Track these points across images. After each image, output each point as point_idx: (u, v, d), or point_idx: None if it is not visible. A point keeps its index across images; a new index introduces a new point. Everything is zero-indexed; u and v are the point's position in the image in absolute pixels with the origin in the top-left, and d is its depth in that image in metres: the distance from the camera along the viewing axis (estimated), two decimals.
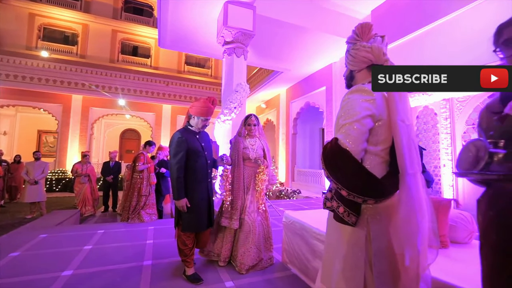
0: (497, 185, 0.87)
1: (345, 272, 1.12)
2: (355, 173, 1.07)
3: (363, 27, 1.22)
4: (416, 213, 1.03)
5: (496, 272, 0.84)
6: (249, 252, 2.28)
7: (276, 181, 2.52)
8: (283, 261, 2.53)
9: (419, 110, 5.02)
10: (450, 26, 4.14)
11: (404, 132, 1.06)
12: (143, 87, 11.89)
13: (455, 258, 1.47)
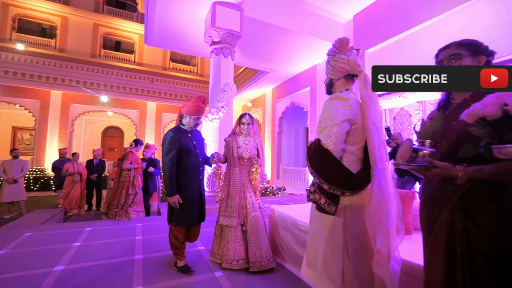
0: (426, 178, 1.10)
1: (326, 255, 1.30)
2: (335, 169, 1.26)
3: (341, 41, 1.40)
4: (386, 202, 1.22)
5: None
6: (267, 246, 2.35)
7: (266, 179, 2.61)
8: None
9: (396, 111, 5.38)
10: (428, 31, 4.44)
11: (375, 134, 1.25)
12: (127, 84, 11.63)
13: (417, 242, 1.69)
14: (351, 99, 1.30)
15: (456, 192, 0.94)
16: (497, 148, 0.60)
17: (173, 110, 12.86)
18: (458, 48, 1.06)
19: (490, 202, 0.87)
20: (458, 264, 0.91)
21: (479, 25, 3.61)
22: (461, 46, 1.06)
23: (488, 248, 0.86)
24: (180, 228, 2.25)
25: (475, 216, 0.90)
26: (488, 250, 0.86)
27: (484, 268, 0.86)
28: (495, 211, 0.86)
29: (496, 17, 3.46)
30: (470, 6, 3.78)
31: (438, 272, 0.98)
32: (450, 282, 0.93)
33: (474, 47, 1.04)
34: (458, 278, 0.91)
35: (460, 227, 0.92)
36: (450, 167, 0.94)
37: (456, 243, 0.93)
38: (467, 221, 0.91)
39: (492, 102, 0.69)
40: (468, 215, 0.92)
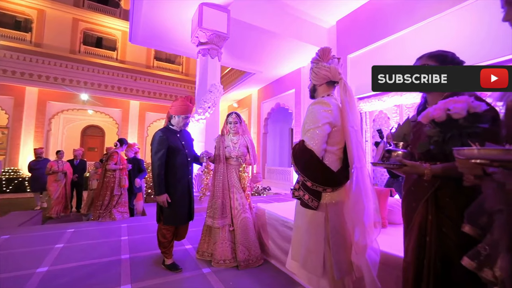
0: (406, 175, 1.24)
1: (309, 247, 1.42)
2: (318, 168, 1.38)
3: (324, 50, 1.52)
4: (363, 197, 1.36)
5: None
6: (256, 246, 2.44)
7: (261, 179, 2.62)
8: None
9: (375, 114, 5.66)
10: (407, 38, 4.70)
11: (353, 136, 1.38)
12: (109, 82, 11.30)
13: (392, 235, 1.86)
14: (332, 104, 1.43)
15: (430, 188, 1.08)
16: (456, 150, 0.72)
17: (157, 109, 12.65)
18: (428, 59, 1.19)
19: (460, 197, 1.00)
20: (427, 252, 1.05)
21: (453, 33, 3.90)
22: (431, 57, 1.19)
23: (455, 236, 1.00)
24: (169, 227, 2.28)
25: (446, 209, 1.04)
26: (456, 237, 0.99)
27: (453, 252, 1.00)
28: (463, 204, 0.97)
29: (464, 27, 3.77)
30: (445, 15, 4.06)
31: (410, 257, 1.13)
32: (418, 266, 1.07)
33: (442, 58, 1.16)
34: (425, 264, 1.05)
35: (431, 219, 1.06)
36: (417, 165, 1.09)
37: (426, 233, 1.07)
38: (439, 213, 1.05)
39: (440, 107, 0.82)
40: (440, 208, 1.05)
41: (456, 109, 0.77)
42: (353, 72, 5.78)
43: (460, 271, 0.94)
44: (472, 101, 0.79)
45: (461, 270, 0.91)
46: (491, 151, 0.56)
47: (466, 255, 0.88)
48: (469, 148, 0.61)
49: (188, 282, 2.12)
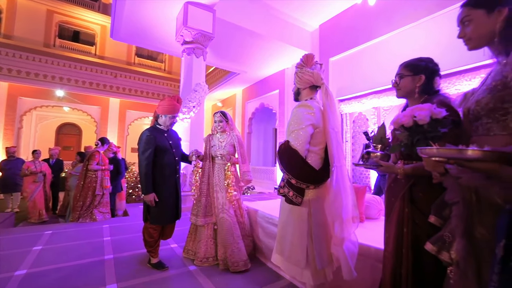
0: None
1: (293, 241, 1.52)
2: (301, 166, 1.48)
3: (308, 57, 1.62)
4: (342, 194, 1.47)
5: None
6: (239, 248, 2.31)
7: (250, 177, 2.44)
8: None
9: (355, 115, 5.92)
10: (385, 44, 4.95)
11: (334, 137, 1.49)
12: (87, 78, 10.82)
13: (368, 228, 2.01)
14: (315, 107, 1.53)
15: (406, 184, 1.21)
16: (420, 149, 0.83)
17: (139, 107, 12.31)
18: (403, 68, 1.31)
19: (431, 192, 1.12)
20: (404, 242, 1.18)
21: (428, 40, 4.18)
22: (405, 67, 1.30)
23: (425, 226, 1.12)
24: (156, 226, 2.29)
25: (418, 203, 1.17)
26: (425, 227, 1.12)
27: (423, 241, 1.10)
28: (433, 199, 1.09)
29: (439, 35, 4.05)
30: (421, 23, 4.34)
31: (390, 247, 1.25)
32: (397, 254, 1.20)
33: (415, 67, 1.27)
34: (403, 251, 1.17)
35: (407, 212, 1.19)
36: (392, 166, 1.22)
37: (403, 224, 1.19)
38: (413, 207, 1.18)
39: (407, 114, 0.94)
40: (414, 202, 1.19)
41: (421, 116, 0.89)
42: (335, 75, 6.00)
43: (427, 257, 1.07)
44: (434, 108, 0.91)
45: (429, 256, 1.04)
46: (447, 150, 0.67)
47: (428, 241, 1.01)
48: (430, 148, 0.71)
49: (174, 279, 2.15)
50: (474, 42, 0.96)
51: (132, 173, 7.58)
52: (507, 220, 0.61)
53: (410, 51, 4.34)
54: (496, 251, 0.61)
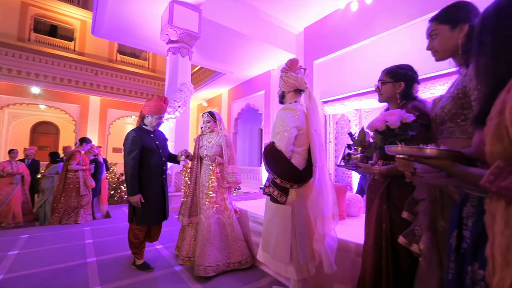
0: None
1: (278, 238, 1.58)
2: (286, 166, 1.55)
3: (292, 62, 1.69)
4: (323, 192, 1.55)
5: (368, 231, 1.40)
6: (204, 253, 2.21)
7: (237, 179, 2.40)
8: None
9: (338, 117, 6.12)
10: (367, 48, 5.15)
11: (316, 139, 1.57)
12: (65, 74, 10.35)
13: (349, 225, 2.12)
14: (298, 110, 1.60)
15: (383, 183, 1.31)
16: (387, 148, 0.91)
17: (121, 106, 11.96)
18: (384, 75, 1.40)
19: (405, 190, 1.21)
20: (383, 235, 1.27)
21: (407, 46, 4.39)
22: (387, 73, 1.39)
23: (400, 222, 1.22)
24: (141, 227, 2.27)
25: (394, 200, 1.27)
26: (400, 222, 1.21)
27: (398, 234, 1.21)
28: (407, 196, 1.19)
29: (416, 41, 4.28)
30: (399, 30, 4.56)
31: (370, 241, 1.34)
32: (377, 248, 1.29)
33: (395, 74, 1.35)
34: (383, 245, 1.26)
35: (385, 208, 1.29)
36: (369, 167, 1.31)
37: (382, 220, 1.29)
38: (390, 204, 1.28)
39: (380, 119, 1.03)
40: (390, 199, 1.28)
41: (392, 120, 0.98)
42: (319, 77, 6.16)
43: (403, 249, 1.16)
44: (403, 114, 1.00)
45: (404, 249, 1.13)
46: (409, 149, 0.75)
47: (401, 235, 1.11)
48: (395, 146, 0.79)
49: (160, 280, 2.14)
50: (440, 54, 1.07)
51: (113, 173, 7.36)
52: (457, 211, 0.70)
53: (390, 56, 4.56)
54: (450, 241, 0.70)
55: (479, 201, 0.65)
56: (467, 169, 0.64)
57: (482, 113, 0.63)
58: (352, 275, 1.67)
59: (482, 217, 0.60)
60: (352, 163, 1.36)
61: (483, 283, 0.58)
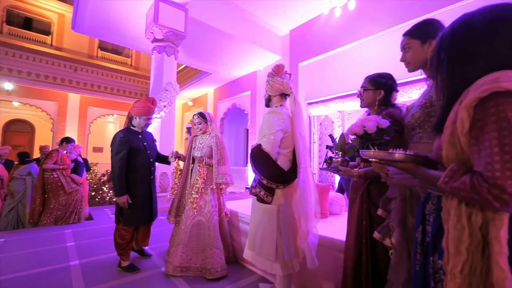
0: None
1: (264, 236, 1.65)
2: (272, 168, 1.62)
3: (278, 67, 1.77)
4: (307, 192, 1.64)
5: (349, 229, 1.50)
6: (176, 252, 2.23)
7: (227, 180, 2.38)
8: None
9: (322, 118, 6.30)
10: (350, 52, 5.32)
11: (301, 141, 1.65)
12: (41, 70, 9.87)
13: (332, 223, 2.23)
14: (284, 114, 1.68)
15: (364, 184, 1.41)
16: (362, 152, 1.00)
17: (102, 104, 11.57)
18: (367, 82, 1.49)
19: (383, 190, 1.29)
20: (364, 232, 1.37)
21: (385, 52, 4.60)
22: (369, 81, 1.48)
23: (378, 218, 1.31)
24: (128, 228, 2.27)
25: (373, 198, 1.37)
26: (378, 219, 1.31)
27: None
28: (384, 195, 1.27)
29: (395, 48, 4.51)
30: (379, 36, 4.77)
31: (352, 237, 1.43)
32: (358, 244, 1.38)
33: (376, 83, 1.45)
34: (363, 241, 1.36)
35: (365, 207, 1.39)
36: (349, 170, 1.41)
37: (363, 218, 1.39)
38: (369, 203, 1.38)
39: (358, 124, 1.13)
40: (370, 198, 1.38)
41: (369, 126, 1.07)
42: (304, 79, 6.31)
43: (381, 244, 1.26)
44: (380, 120, 1.10)
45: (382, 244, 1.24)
46: (380, 153, 0.84)
47: (376, 230, 1.21)
48: (368, 151, 0.88)
49: (146, 281, 2.14)
50: (412, 66, 1.18)
51: (94, 174, 7.14)
52: (421, 209, 0.80)
53: (370, 60, 4.77)
54: (416, 235, 0.80)
55: (438, 199, 0.75)
56: (428, 172, 0.74)
57: (440, 122, 0.73)
58: (335, 270, 1.77)
59: (441, 214, 0.70)
60: (333, 166, 1.45)
61: (441, 271, 0.67)
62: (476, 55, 0.68)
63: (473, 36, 0.68)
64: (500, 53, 0.65)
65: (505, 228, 0.59)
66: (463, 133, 0.63)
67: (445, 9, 3.98)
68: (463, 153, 0.65)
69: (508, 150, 0.56)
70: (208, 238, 2.26)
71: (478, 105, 0.61)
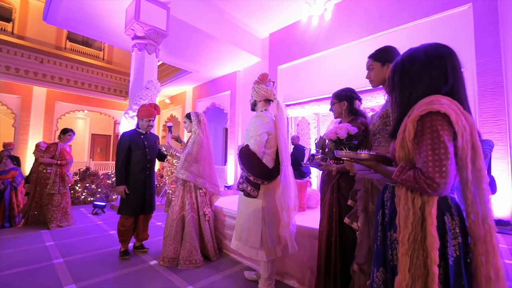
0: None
1: (250, 226, 1.85)
2: (258, 165, 1.83)
3: (263, 75, 1.98)
4: (288, 187, 1.87)
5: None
6: (165, 244, 2.45)
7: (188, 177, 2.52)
8: None
9: (299, 119, 6.64)
10: (326, 58, 5.70)
11: (283, 142, 1.88)
12: (2, 61, 9.11)
13: (309, 215, 2.50)
14: (268, 117, 1.90)
15: (334, 177, 1.67)
16: (336, 152, 1.23)
17: (72, 99, 10.94)
18: (333, 97, 1.80)
19: (351, 183, 1.55)
20: (334, 218, 1.63)
21: (358, 59, 5.02)
22: (334, 96, 1.80)
23: (346, 207, 1.58)
24: (126, 216, 2.57)
25: (343, 190, 1.63)
26: (346, 208, 1.57)
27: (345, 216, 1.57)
28: (351, 187, 1.53)
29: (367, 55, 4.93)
30: (352, 45, 5.19)
31: (324, 223, 1.68)
32: (329, 228, 1.65)
33: (339, 96, 1.76)
34: (333, 225, 1.62)
35: (335, 197, 1.65)
36: (329, 165, 1.66)
37: (333, 206, 1.65)
38: (339, 193, 1.64)
39: (332, 131, 1.38)
40: (339, 190, 1.64)
41: (341, 133, 1.33)
42: (283, 82, 6.60)
43: (349, 228, 1.53)
44: (349, 127, 1.35)
45: (349, 228, 1.50)
46: (350, 153, 1.08)
47: (346, 216, 1.47)
48: (341, 151, 1.12)
49: (138, 274, 2.23)
50: (374, 83, 1.45)
51: None
52: (381, 197, 1.05)
53: (344, 67, 5.17)
54: (377, 218, 1.05)
55: (393, 189, 1.00)
56: (386, 168, 0.99)
57: (394, 131, 0.98)
58: (311, 254, 2.03)
59: (395, 200, 0.95)
60: (315, 162, 1.70)
61: (396, 242, 0.92)
62: (418, 82, 0.92)
63: (416, 67, 0.93)
64: (434, 81, 0.90)
65: (435, 207, 0.84)
66: (410, 139, 0.87)
67: (407, 25, 4.49)
68: (410, 154, 0.89)
69: (437, 153, 0.81)
70: (183, 233, 2.46)
71: (419, 120, 0.85)
